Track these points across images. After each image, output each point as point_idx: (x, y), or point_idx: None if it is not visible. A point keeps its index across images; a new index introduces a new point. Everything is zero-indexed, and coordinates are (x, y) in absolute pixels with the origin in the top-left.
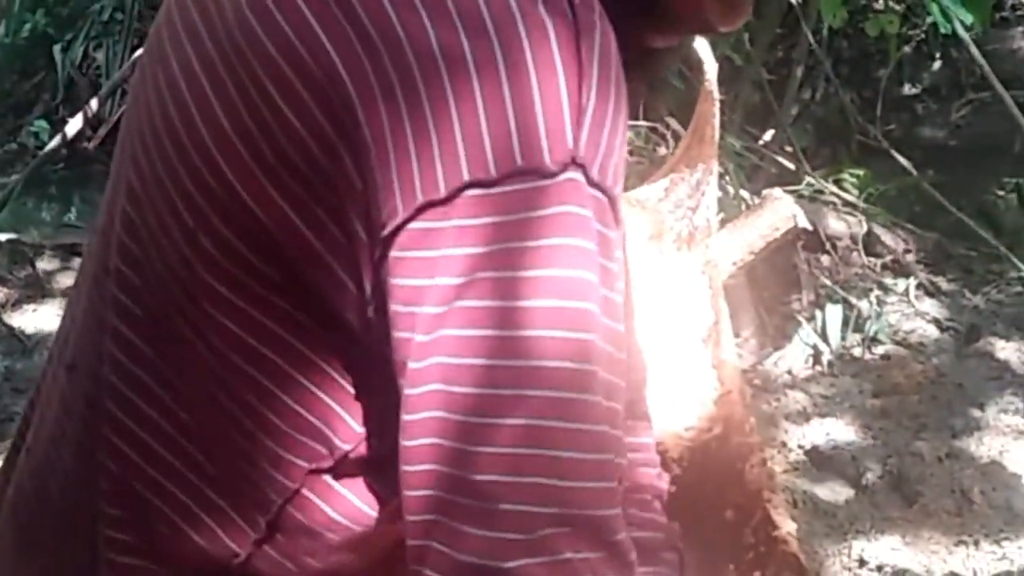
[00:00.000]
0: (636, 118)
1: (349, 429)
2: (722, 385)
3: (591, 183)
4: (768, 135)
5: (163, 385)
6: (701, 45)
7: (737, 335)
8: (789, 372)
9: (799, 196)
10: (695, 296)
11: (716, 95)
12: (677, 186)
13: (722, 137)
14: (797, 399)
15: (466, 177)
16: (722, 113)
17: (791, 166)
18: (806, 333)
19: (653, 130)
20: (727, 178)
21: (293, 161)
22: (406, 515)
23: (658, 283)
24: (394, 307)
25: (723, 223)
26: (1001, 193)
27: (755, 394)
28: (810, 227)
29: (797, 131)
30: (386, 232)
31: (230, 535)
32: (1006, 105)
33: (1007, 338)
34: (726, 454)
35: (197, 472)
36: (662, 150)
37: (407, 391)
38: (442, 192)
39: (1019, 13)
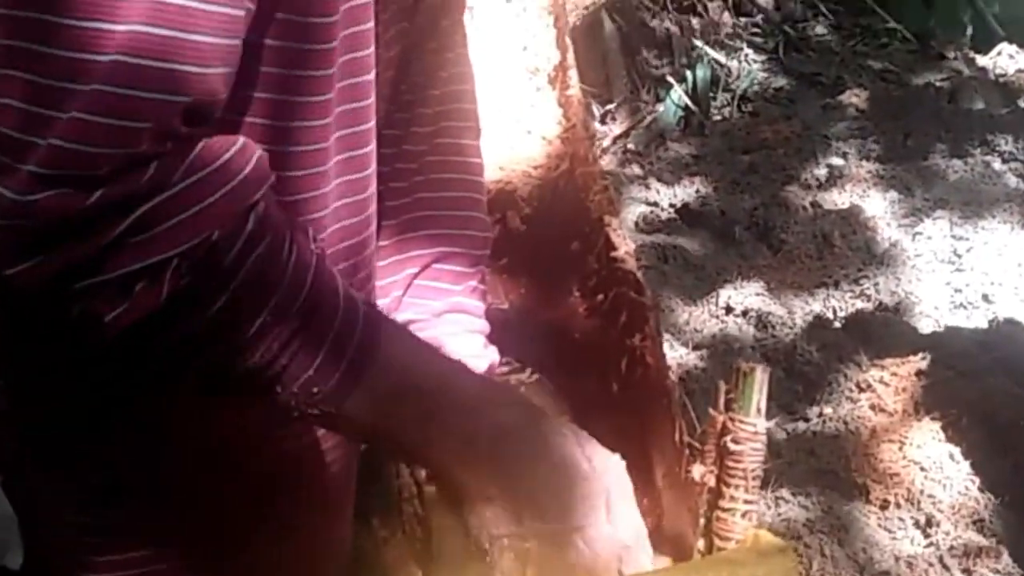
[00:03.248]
0: None
1: None
2: (567, 121)
3: None
4: None
5: None
6: None
7: (611, 101)
8: (661, 135)
9: None
10: (541, 37)
11: None
12: None
13: None
14: (669, 160)
15: None
16: None
17: None
18: (677, 95)
19: None
20: None
21: None
22: None
23: (502, 26)
24: None
25: None
26: None
27: (629, 158)
28: None
29: None
30: None
31: None
32: None
33: (871, 88)
34: (572, 187)
35: None
36: None
37: None
38: None
39: None
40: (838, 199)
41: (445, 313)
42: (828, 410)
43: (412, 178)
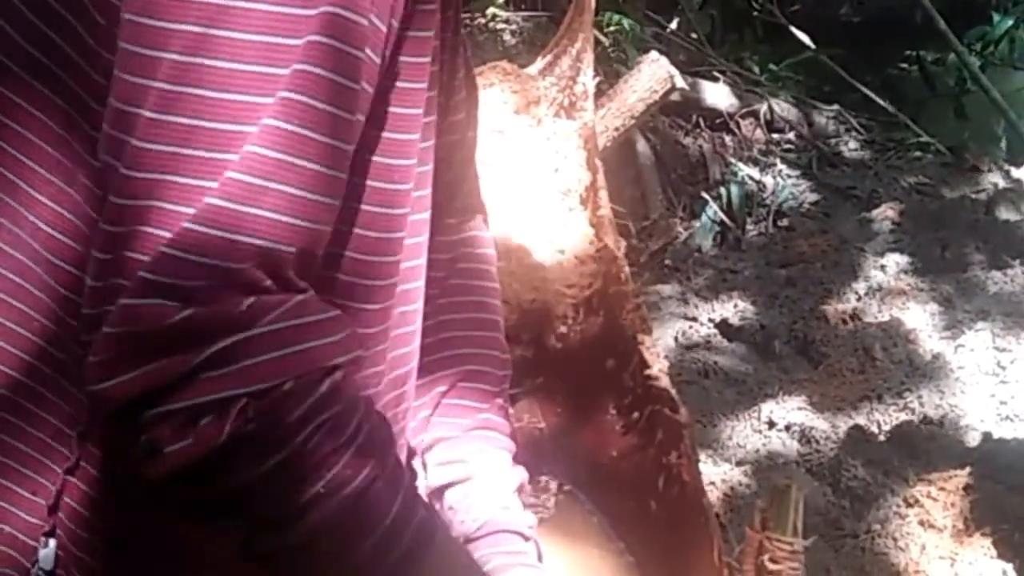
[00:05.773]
0: (535, 8)
1: None
2: (599, 241)
3: None
4: (674, 23)
5: None
6: None
7: (647, 218)
8: (698, 250)
9: (701, 77)
10: (572, 160)
11: None
12: (560, 59)
13: (630, 27)
14: (707, 275)
15: None
16: (624, 2)
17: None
18: (713, 212)
19: (552, 19)
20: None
21: None
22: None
23: (534, 149)
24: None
25: (601, 90)
26: (904, 66)
27: (666, 274)
28: (687, 88)
29: (702, 17)
30: None
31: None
32: None
33: (906, 202)
34: (605, 306)
35: None
36: None
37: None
38: None
39: None
40: (878, 312)
41: (474, 430)
42: (876, 526)
43: (435, 301)
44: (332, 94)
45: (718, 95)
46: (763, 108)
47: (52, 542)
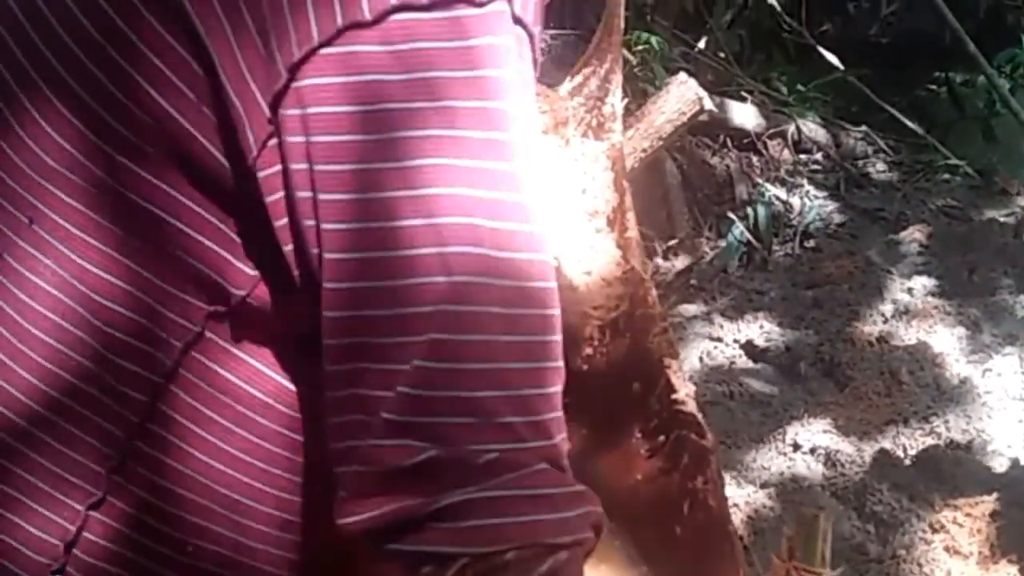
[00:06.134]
0: (563, 26)
1: (240, 272)
2: (626, 263)
3: (514, 17)
4: (702, 43)
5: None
6: None
7: (673, 237)
8: (724, 271)
9: (729, 97)
10: (600, 180)
11: None
12: (588, 80)
13: (658, 46)
14: (733, 296)
15: (394, 0)
16: (652, 20)
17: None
18: (739, 232)
19: (580, 37)
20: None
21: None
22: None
23: (562, 171)
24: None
25: (629, 111)
26: (932, 87)
27: (692, 294)
28: (716, 110)
29: (730, 37)
30: (296, 58)
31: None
32: (934, 0)
33: (934, 224)
34: (632, 328)
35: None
36: None
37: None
38: (367, 15)
39: None
40: (905, 335)
41: None
42: (902, 552)
43: None
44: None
45: (746, 115)
46: (791, 129)
47: None
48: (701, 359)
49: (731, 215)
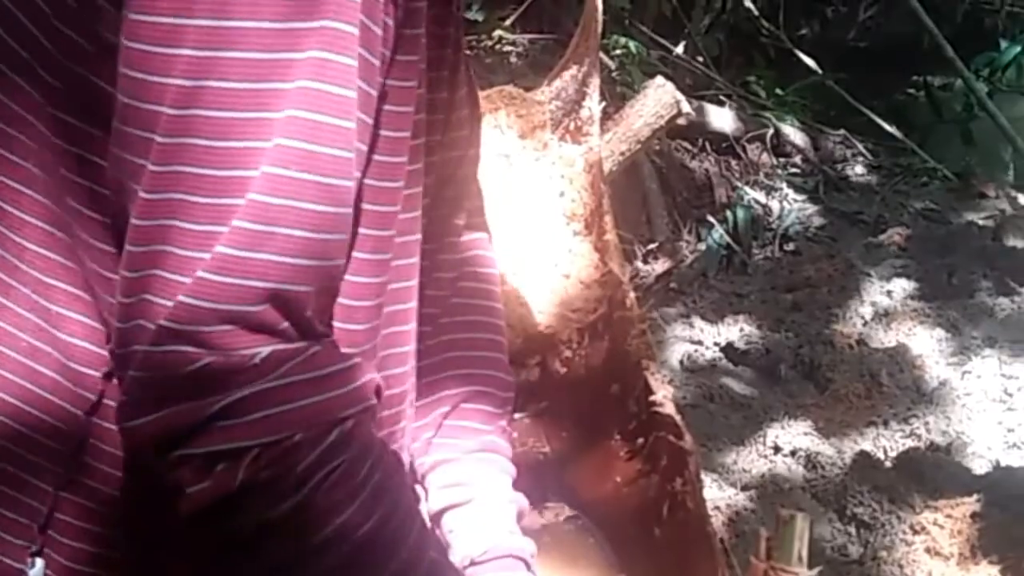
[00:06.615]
0: (541, 31)
1: None
2: (604, 266)
3: None
4: (680, 47)
5: None
6: None
7: (652, 240)
8: (704, 274)
9: (707, 101)
10: (577, 184)
11: None
12: (567, 84)
13: (636, 50)
14: (712, 299)
15: None
16: (630, 24)
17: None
18: (719, 235)
19: (558, 42)
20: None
21: None
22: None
23: (540, 173)
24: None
25: (607, 114)
26: (911, 91)
27: (672, 297)
28: (694, 113)
29: (708, 41)
30: None
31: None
32: (912, 5)
33: (913, 227)
34: (610, 331)
35: None
36: None
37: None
38: None
39: None
40: (884, 337)
41: (477, 452)
42: (882, 553)
43: (438, 321)
44: (327, 134)
45: (724, 119)
46: (769, 132)
47: (40, 562)
48: (681, 362)
49: (710, 218)
